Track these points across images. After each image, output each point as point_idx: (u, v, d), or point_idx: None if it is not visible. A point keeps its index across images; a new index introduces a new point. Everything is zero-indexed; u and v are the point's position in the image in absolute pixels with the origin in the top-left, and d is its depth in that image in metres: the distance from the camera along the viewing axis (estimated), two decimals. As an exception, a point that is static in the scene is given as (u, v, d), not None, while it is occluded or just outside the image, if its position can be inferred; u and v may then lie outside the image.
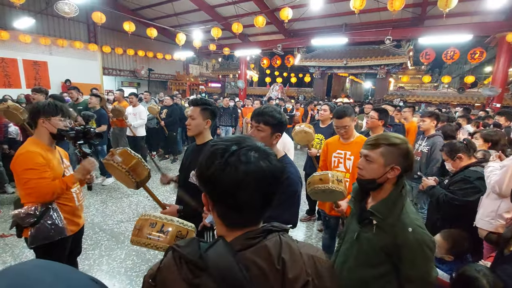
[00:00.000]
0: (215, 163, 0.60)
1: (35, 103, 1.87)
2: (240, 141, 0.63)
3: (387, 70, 11.45)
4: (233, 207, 0.62)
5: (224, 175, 0.59)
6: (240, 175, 0.58)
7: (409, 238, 1.07)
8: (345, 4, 8.54)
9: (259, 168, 0.60)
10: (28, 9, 9.22)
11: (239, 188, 0.59)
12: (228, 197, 0.61)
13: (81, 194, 2.02)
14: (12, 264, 1.69)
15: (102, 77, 12.72)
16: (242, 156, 0.59)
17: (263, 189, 0.61)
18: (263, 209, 0.64)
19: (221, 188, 0.60)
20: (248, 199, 0.60)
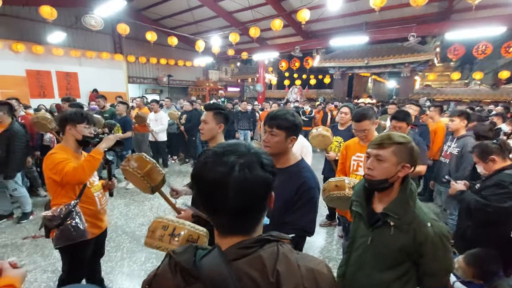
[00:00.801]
0: (199, 163, 0.63)
1: (63, 111, 1.99)
2: (228, 147, 0.63)
3: (412, 68, 10.93)
4: (206, 209, 0.63)
5: (200, 176, 0.61)
6: (209, 178, 0.59)
7: (429, 234, 1.07)
8: (364, 2, 8.29)
9: (232, 175, 0.58)
10: (60, 24, 9.87)
11: (215, 189, 0.59)
12: (201, 198, 0.62)
13: (103, 198, 2.10)
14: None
15: (127, 85, 13.32)
16: (223, 159, 0.60)
17: (229, 196, 0.58)
18: (239, 217, 0.61)
19: (196, 188, 0.63)
20: (221, 202, 0.59)
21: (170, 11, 12.02)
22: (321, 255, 3.11)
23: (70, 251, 1.90)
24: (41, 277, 2.59)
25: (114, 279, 2.62)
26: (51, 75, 10.59)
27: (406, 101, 10.68)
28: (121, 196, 4.60)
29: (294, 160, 1.52)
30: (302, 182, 1.41)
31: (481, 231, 1.85)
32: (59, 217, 1.79)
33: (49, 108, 6.48)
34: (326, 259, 3.03)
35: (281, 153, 1.47)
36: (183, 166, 6.67)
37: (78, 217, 1.86)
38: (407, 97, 11.27)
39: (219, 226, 0.65)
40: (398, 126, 2.55)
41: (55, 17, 6.87)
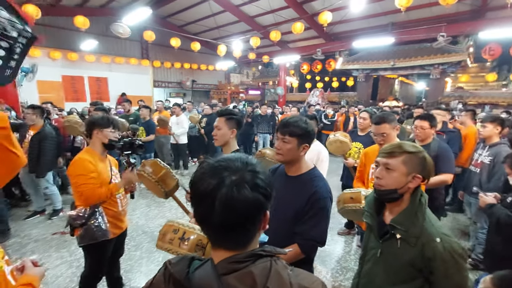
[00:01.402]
0: (197, 172, 0.65)
1: (92, 116, 2.12)
2: (228, 162, 0.63)
3: (442, 69, 10.34)
4: (198, 217, 0.63)
5: (194, 184, 0.63)
6: (202, 188, 0.60)
7: (438, 249, 1.01)
8: (390, 2, 8.00)
9: (220, 191, 0.58)
10: (92, 32, 10.52)
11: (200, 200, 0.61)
12: (195, 205, 0.63)
13: (124, 200, 2.19)
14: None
15: (152, 89, 13.88)
16: (215, 173, 0.61)
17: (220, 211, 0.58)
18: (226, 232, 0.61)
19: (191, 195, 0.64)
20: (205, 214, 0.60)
21: (193, 17, 12.38)
22: (338, 264, 3.01)
23: (92, 250, 2.00)
24: (66, 272, 2.75)
25: (132, 277, 2.71)
26: (83, 80, 11.31)
27: (435, 104, 10.13)
28: (143, 196, 4.78)
29: (306, 168, 1.49)
30: (313, 191, 1.38)
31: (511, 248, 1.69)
32: (83, 217, 1.89)
33: (81, 112, 6.92)
34: (343, 269, 2.93)
35: (293, 160, 1.45)
36: (202, 168, 6.80)
37: (101, 217, 1.95)
38: (437, 100, 10.67)
39: (208, 237, 0.65)
40: (420, 126, 2.44)
41: (87, 26, 7.34)
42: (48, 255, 3.03)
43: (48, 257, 3.00)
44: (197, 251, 1.18)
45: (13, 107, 5.72)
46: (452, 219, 4.07)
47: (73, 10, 10.15)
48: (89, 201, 1.90)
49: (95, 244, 1.94)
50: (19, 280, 0.95)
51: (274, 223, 1.47)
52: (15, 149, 1.01)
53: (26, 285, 0.93)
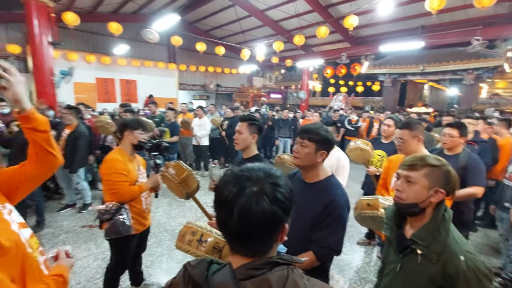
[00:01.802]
0: (222, 178, 0.67)
1: (124, 118, 2.28)
2: (250, 172, 0.64)
3: (477, 75, 9.73)
4: (218, 223, 0.65)
5: (217, 189, 0.65)
6: (221, 196, 0.62)
7: (461, 268, 0.97)
8: (420, 5, 7.70)
9: (239, 200, 0.60)
10: (124, 37, 11.14)
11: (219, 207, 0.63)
12: (216, 212, 0.65)
13: (149, 199, 2.31)
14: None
15: (178, 91, 14.37)
16: (236, 182, 0.62)
17: (238, 220, 0.60)
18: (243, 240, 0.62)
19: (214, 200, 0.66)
20: (223, 221, 0.62)
21: (219, 22, 12.69)
22: (357, 275, 2.93)
23: (117, 244, 2.13)
24: (92, 264, 2.92)
25: (153, 272, 2.83)
26: (114, 82, 11.98)
27: (468, 112, 9.55)
28: (165, 195, 4.94)
29: (324, 176, 1.49)
30: (331, 199, 1.38)
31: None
32: (110, 212, 2.03)
33: (111, 112, 7.32)
34: (362, 280, 2.85)
35: (310, 166, 1.46)
36: (222, 170, 6.91)
37: (125, 213, 2.08)
38: (470, 107, 10.05)
39: (228, 242, 0.67)
40: (449, 134, 2.35)
41: (120, 31, 7.80)
42: (77, 246, 3.24)
43: (77, 248, 3.21)
44: (214, 253, 1.22)
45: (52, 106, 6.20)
46: (482, 235, 3.81)
47: (108, 16, 10.82)
48: (123, 198, 2.04)
49: (120, 239, 2.07)
50: (52, 270, 1.03)
51: (290, 230, 1.49)
52: (54, 150, 1.10)
53: (57, 276, 1.00)
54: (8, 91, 0.94)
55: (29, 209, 3.75)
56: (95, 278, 2.70)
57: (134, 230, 2.13)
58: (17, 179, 1.04)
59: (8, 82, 0.93)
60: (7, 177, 1.03)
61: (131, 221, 2.10)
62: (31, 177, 1.07)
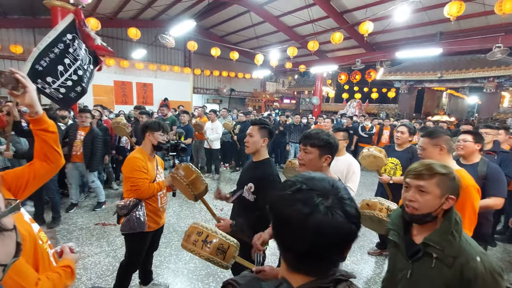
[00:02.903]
0: (280, 192, 0.60)
1: (146, 121, 2.40)
2: (315, 184, 0.59)
3: (498, 83, 9.39)
4: (281, 242, 0.60)
5: (280, 207, 0.58)
6: (290, 214, 0.56)
7: (479, 269, 0.97)
8: (439, 11, 7.54)
9: (314, 217, 0.54)
10: (142, 42, 11.52)
11: (286, 226, 0.57)
12: (278, 230, 0.60)
13: (164, 198, 2.37)
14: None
15: (192, 95, 14.65)
16: (306, 197, 0.56)
17: (313, 240, 0.54)
18: (315, 260, 0.57)
19: (274, 218, 0.60)
20: (292, 241, 0.56)
21: (234, 27, 12.89)
22: (367, 286, 2.85)
23: (131, 239, 2.21)
24: (104, 261, 2.99)
25: (161, 272, 2.86)
26: (132, 85, 12.36)
27: (489, 121, 9.20)
28: (177, 197, 5.01)
29: None
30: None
31: None
32: (128, 207, 2.12)
33: (128, 114, 7.54)
34: (372, 291, 2.77)
35: (316, 171, 1.45)
36: (233, 174, 6.94)
37: (141, 210, 2.16)
38: (491, 116, 9.67)
39: (288, 261, 0.62)
40: (462, 139, 2.28)
41: (139, 37, 8.07)
42: (90, 243, 3.33)
43: (90, 245, 3.30)
44: (218, 254, 1.22)
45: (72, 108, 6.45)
46: (502, 249, 3.63)
47: (127, 22, 11.23)
48: (143, 194, 2.13)
49: (134, 235, 2.15)
50: (60, 262, 1.10)
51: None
52: (60, 150, 1.21)
53: (66, 267, 1.07)
54: (25, 97, 1.07)
55: (46, 206, 3.91)
56: (106, 275, 2.76)
57: (148, 227, 2.19)
58: (26, 178, 1.12)
59: (25, 88, 1.05)
60: (17, 176, 1.11)
61: (146, 218, 2.17)
62: (39, 176, 1.16)
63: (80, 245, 3.29)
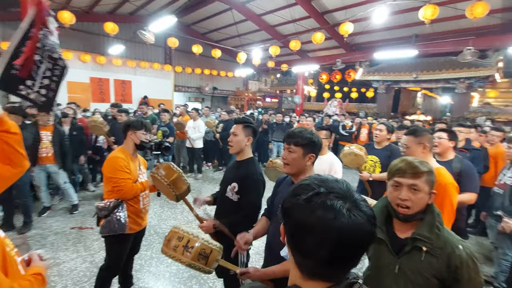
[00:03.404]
0: (297, 197, 0.57)
1: (128, 119, 2.30)
2: (332, 185, 0.58)
3: (469, 84, 9.92)
4: (301, 249, 0.58)
5: (299, 213, 0.56)
6: (313, 220, 0.54)
7: (463, 257, 1.05)
8: (414, 14, 7.84)
9: (340, 221, 0.52)
10: (120, 38, 11.10)
11: (308, 232, 0.55)
12: (297, 237, 0.57)
13: (146, 199, 2.30)
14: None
15: (173, 93, 14.33)
16: (327, 201, 0.54)
17: (335, 245, 0.53)
18: (337, 264, 0.56)
19: (293, 224, 0.58)
20: (314, 247, 0.54)
21: (216, 25, 12.74)
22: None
23: (111, 242, 2.12)
24: (80, 266, 2.85)
25: (141, 276, 2.77)
26: (109, 82, 11.89)
27: (460, 120, 9.71)
28: (157, 198, 4.89)
29: None
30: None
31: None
32: (108, 209, 2.03)
33: (104, 112, 7.24)
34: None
35: (299, 171, 1.45)
36: (216, 173, 6.87)
37: (122, 211, 2.08)
38: (462, 115, 10.22)
39: (307, 268, 0.59)
40: (438, 136, 2.38)
41: (116, 32, 7.76)
42: (66, 248, 3.17)
43: (65, 250, 3.13)
44: (200, 260, 1.18)
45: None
46: (474, 242, 3.85)
47: (104, 16, 10.78)
48: (127, 195, 2.05)
49: (115, 237, 2.06)
50: (29, 270, 1.02)
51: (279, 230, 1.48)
52: (24, 152, 1.13)
53: (37, 275, 0.99)
54: None
55: (16, 210, 3.67)
56: (83, 282, 2.63)
57: (130, 229, 2.11)
58: None
59: None
60: None
61: (127, 219, 2.09)
62: (2, 179, 1.07)
63: (55, 250, 3.12)
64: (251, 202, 1.77)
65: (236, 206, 1.81)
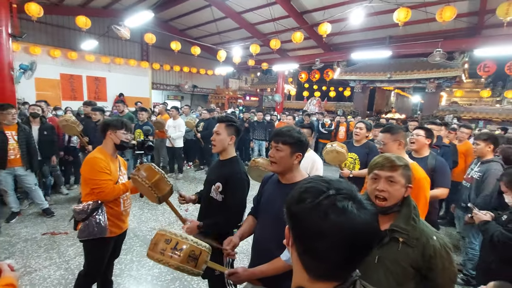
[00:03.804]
0: (306, 201, 0.56)
1: (107, 119, 2.19)
2: (338, 186, 0.57)
3: (438, 84, 10.53)
4: (311, 253, 0.56)
5: (311, 217, 0.55)
6: (327, 224, 0.53)
7: (437, 247, 1.11)
8: (388, 16, 8.17)
9: (351, 222, 0.53)
10: (93, 32, 10.57)
11: (322, 236, 0.54)
12: (308, 241, 0.56)
13: (127, 201, 2.21)
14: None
15: (151, 91, 13.87)
16: (337, 203, 0.54)
17: (349, 245, 0.53)
18: (346, 263, 0.56)
19: (303, 229, 0.57)
20: (328, 250, 0.54)
21: (195, 22, 12.48)
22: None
23: (91, 246, 2.02)
24: (54, 274, 2.70)
25: (122, 282, 2.67)
26: (82, 79, 11.28)
27: (430, 118, 10.28)
28: (136, 199, 4.72)
29: (301, 177, 1.50)
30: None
31: (506, 267, 1.70)
32: (86, 212, 1.94)
33: (77, 111, 6.88)
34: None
35: (286, 169, 1.46)
36: (197, 172, 6.77)
37: (102, 214, 1.99)
38: (432, 114, 10.83)
39: (314, 270, 0.58)
40: (416, 133, 2.52)
41: (89, 26, 7.36)
42: (37, 256, 2.98)
43: (37, 257, 2.95)
44: (189, 262, 1.15)
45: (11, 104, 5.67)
46: (444, 233, 4.09)
47: (76, 10, 10.19)
48: (108, 197, 1.97)
49: (94, 241, 1.97)
50: (0, 281, 0.97)
51: (267, 229, 1.49)
52: None
53: (8, 285, 0.95)
54: None
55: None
56: (57, 290, 2.50)
57: (110, 232, 2.03)
58: None
59: None
60: None
61: (107, 222, 2.00)
62: None
63: (25, 258, 2.92)
64: (236, 202, 1.77)
65: (221, 206, 1.79)
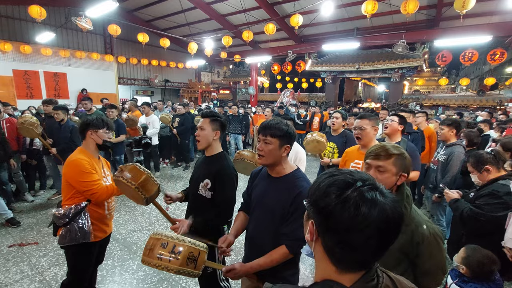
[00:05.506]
0: (333, 195, 0.55)
1: (85, 118, 2.04)
2: (362, 177, 0.58)
3: (401, 73, 11.19)
4: (345, 246, 0.56)
5: (342, 211, 0.54)
6: (360, 216, 0.53)
7: (426, 235, 1.15)
8: (356, 8, 8.45)
9: (383, 211, 0.54)
10: (49, 24, 9.67)
11: (355, 228, 0.53)
12: (341, 234, 0.55)
13: (112, 204, 2.11)
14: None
15: (117, 86, 13.12)
16: (366, 194, 0.54)
17: (382, 233, 0.54)
18: (378, 251, 0.57)
19: (335, 223, 0.55)
20: (363, 241, 0.54)
21: (162, 12, 11.92)
22: (315, 260, 3.11)
23: (74, 252, 1.91)
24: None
25: (104, 288, 2.56)
26: (38, 75, 10.34)
27: (396, 106, 10.92)
28: (112, 201, 4.51)
29: (290, 169, 1.52)
30: (298, 192, 1.41)
31: (474, 240, 1.87)
32: (68, 216, 1.83)
33: (37, 110, 6.32)
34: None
35: (275, 162, 1.47)
36: (175, 170, 6.59)
37: (85, 218, 1.88)
38: (397, 102, 11.50)
39: (344, 262, 0.58)
40: (391, 119, 2.67)
41: (44, 16, 6.71)
42: (6, 270, 2.73)
43: (6, 272, 2.70)
44: (189, 264, 1.11)
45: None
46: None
47: (26, -2, 9.23)
48: (103, 197, 1.88)
49: (77, 247, 1.86)
50: None
51: (262, 224, 1.50)
52: None
53: None
54: None
55: None
56: (32, 304, 2.32)
57: (94, 237, 1.92)
58: None
59: None
60: None
61: (90, 227, 1.89)
62: None
63: (-11, 275, 2.67)
64: (227, 198, 1.75)
65: (211, 203, 1.77)
